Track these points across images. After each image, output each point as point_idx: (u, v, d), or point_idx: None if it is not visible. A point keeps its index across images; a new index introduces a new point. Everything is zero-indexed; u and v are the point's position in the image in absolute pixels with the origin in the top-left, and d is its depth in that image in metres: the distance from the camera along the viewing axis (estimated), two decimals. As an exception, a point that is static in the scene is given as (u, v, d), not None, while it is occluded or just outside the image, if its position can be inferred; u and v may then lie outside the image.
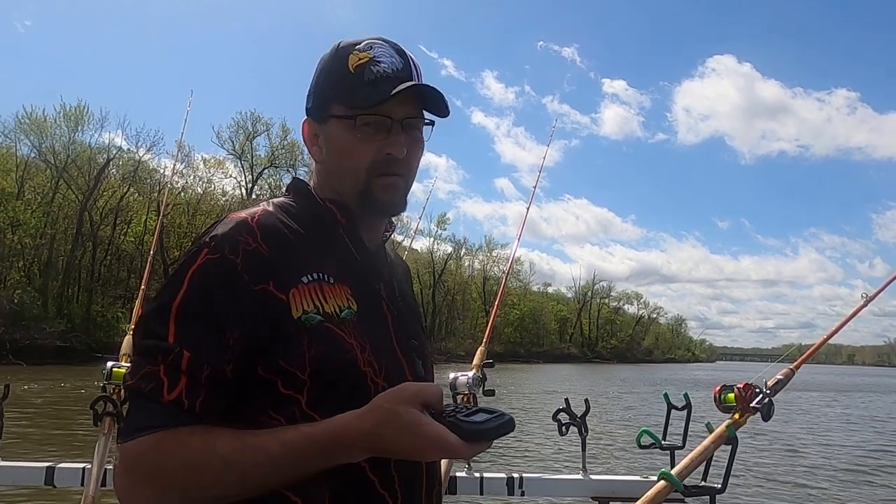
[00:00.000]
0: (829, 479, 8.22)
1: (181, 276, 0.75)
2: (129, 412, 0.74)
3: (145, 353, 0.74)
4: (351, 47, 0.85)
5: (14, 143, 32.60)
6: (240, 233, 0.77)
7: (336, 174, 0.87)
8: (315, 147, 0.88)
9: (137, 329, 0.81)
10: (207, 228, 0.81)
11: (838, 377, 58.81)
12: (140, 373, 0.73)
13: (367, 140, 0.83)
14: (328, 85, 0.86)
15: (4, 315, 25.82)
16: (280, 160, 44.76)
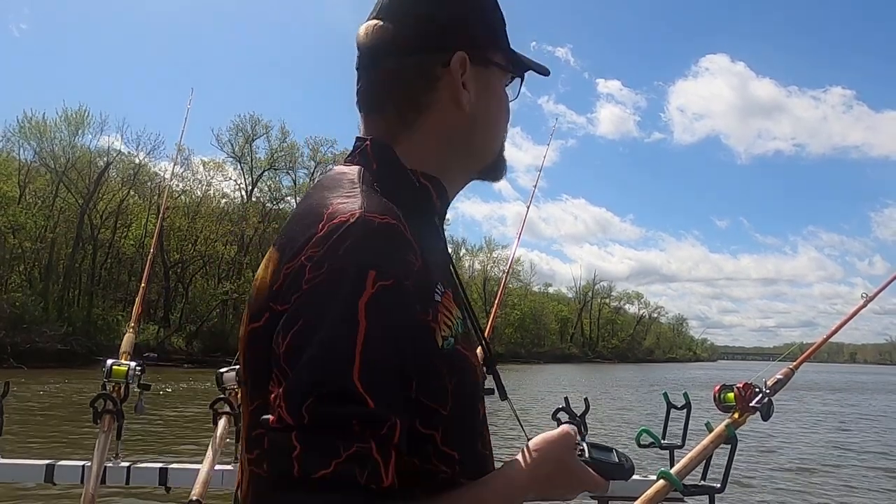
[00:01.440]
0: (829, 479, 8.22)
1: (352, 310, 0.54)
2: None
3: (342, 424, 0.52)
4: None
5: (15, 147, 32.72)
6: (402, 247, 0.59)
7: (482, 132, 0.72)
8: (463, 95, 0.69)
9: (303, 384, 0.53)
10: (337, 232, 0.58)
11: (839, 375, 58.78)
12: (345, 454, 0.51)
13: (506, 101, 0.75)
14: (489, 23, 0.72)
15: (5, 319, 25.84)
16: (280, 163, 44.77)
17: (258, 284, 0.63)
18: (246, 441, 0.64)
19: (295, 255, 0.59)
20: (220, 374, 1.75)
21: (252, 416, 0.61)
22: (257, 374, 0.60)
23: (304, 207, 0.64)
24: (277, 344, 0.56)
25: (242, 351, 0.64)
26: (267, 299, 0.60)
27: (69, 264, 32.45)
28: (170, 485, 1.60)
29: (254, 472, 0.59)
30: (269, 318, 0.59)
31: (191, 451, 7.70)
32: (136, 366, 1.71)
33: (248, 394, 0.64)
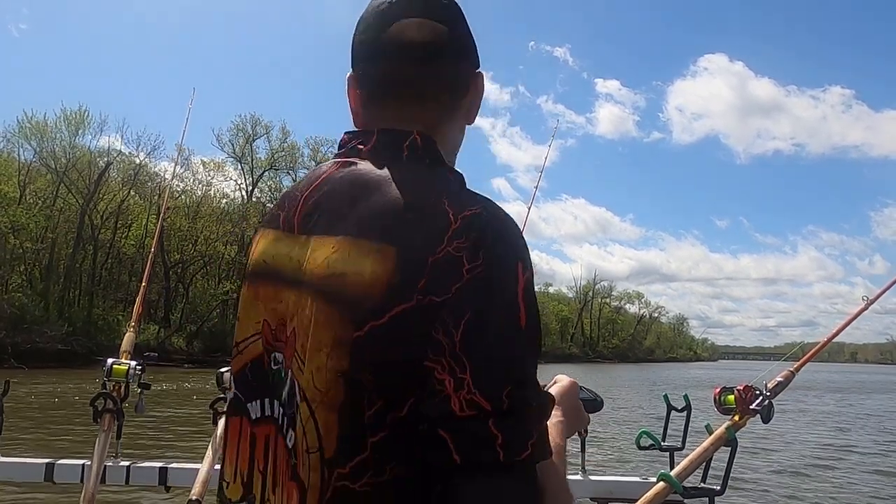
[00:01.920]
0: (830, 481, 8.20)
1: (516, 301, 0.58)
2: (517, 491, 0.55)
3: (529, 409, 0.57)
4: None
5: (15, 147, 32.74)
6: (523, 238, 0.64)
7: (454, 142, 0.75)
8: (478, 101, 0.76)
9: (499, 372, 0.56)
10: (477, 225, 0.60)
11: (840, 375, 58.73)
12: (536, 436, 0.57)
13: None
14: (473, 40, 0.76)
15: (6, 319, 25.84)
16: (280, 163, 44.81)
17: (350, 277, 0.60)
18: (338, 452, 0.59)
19: (434, 247, 0.58)
20: (220, 373, 1.75)
21: (374, 418, 0.58)
22: (388, 374, 0.58)
23: (393, 199, 0.62)
24: (447, 333, 0.56)
25: (338, 356, 0.59)
26: (390, 295, 0.58)
27: (70, 264, 32.46)
28: (169, 484, 1.60)
29: (347, 488, 0.58)
30: (406, 311, 0.58)
31: (194, 451, 7.70)
32: (137, 365, 1.71)
33: (363, 398, 0.59)
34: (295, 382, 0.63)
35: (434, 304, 0.57)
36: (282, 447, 0.65)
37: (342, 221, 0.64)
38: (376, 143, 0.70)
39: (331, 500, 0.59)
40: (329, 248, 0.63)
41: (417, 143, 0.69)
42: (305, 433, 0.61)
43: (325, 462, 0.59)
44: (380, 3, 0.72)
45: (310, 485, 0.60)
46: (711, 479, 1.65)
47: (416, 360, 0.57)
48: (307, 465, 0.60)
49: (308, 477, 0.60)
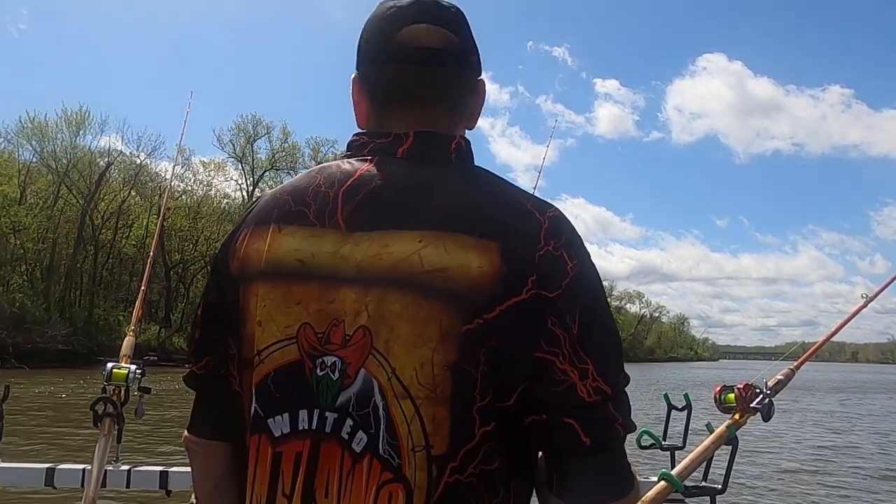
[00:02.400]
0: (830, 479, 8.20)
1: (603, 291, 0.68)
2: (625, 457, 0.64)
3: (625, 392, 0.65)
4: None
5: (16, 148, 32.76)
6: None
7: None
8: (480, 109, 0.78)
9: (615, 362, 0.64)
10: (561, 224, 0.65)
11: (841, 375, 58.72)
12: (629, 413, 0.65)
13: None
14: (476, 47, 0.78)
15: (7, 319, 25.86)
16: (281, 163, 44.79)
17: (452, 271, 0.60)
18: (449, 447, 0.59)
19: (536, 244, 0.62)
20: None
21: (484, 409, 0.60)
22: (500, 365, 0.60)
23: (490, 200, 0.65)
24: (564, 326, 0.61)
25: (446, 349, 0.59)
26: (501, 291, 0.60)
27: (70, 265, 32.48)
28: (170, 488, 1.60)
29: (458, 481, 0.60)
30: (517, 304, 0.61)
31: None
32: (137, 369, 1.71)
33: (474, 389, 0.59)
34: (374, 383, 0.61)
35: (546, 299, 0.61)
36: (331, 457, 0.62)
37: (413, 217, 0.64)
38: (415, 145, 0.70)
39: (442, 496, 0.59)
40: (413, 242, 0.62)
41: (463, 147, 0.72)
42: (411, 432, 0.59)
43: (433, 459, 0.59)
44: (389, 7, 0.72)
45: (416, 485, 0.59)
46: (712, 478, 1.65)
47: (529, 351, 0.61)
48: (413, 465, 0.59)
49: (415, 476, 0.59)
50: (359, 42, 0.75)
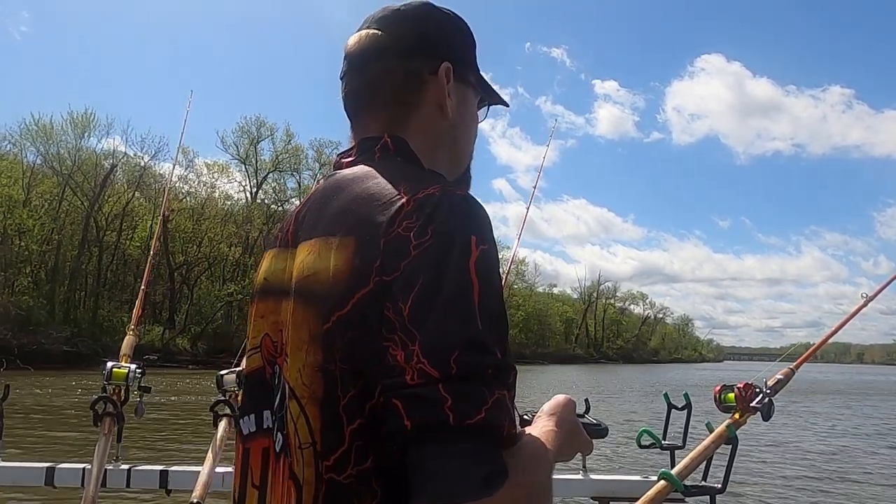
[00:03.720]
0: (831, 478, 8.16)
1: (465, 270, 0.57)
2: (471, 455, 0.52)
3: (484, 374, 0.55)
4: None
5: (21, 150, 32.91)
6: (487, 218, 0.63)
7: (458, 141, 0.77)
8: (448, 101, 0.74)
9: (446, 338, 0.55)
10: (430, 204, 0.60)
11: (844, 376, 58.39)
12: (491, 400, 0.54)
13: (478, 120, 0.81)
14: (468, 47, 0.78)
15: (12, 320, 25.98)
16: (284, 165, 44.88)
17: (320, 275, 0.61)
18: (324, 445, 0.59)
19: (385, 230, 0.59)
20: (220, 376, 1.75)
21: (349, 408, 0.58)
22: (354, 360, 0.58)
23: (355, 195, 0.64)
24: (396, 310, 0.56)
25: (314, 350, 0.60)
26: (351, 285, 0.59)
27: (75, 266, 32.61)
28: (170, 487, 1.60)
29: (334, 481, 0.58)
30: (364, 295, 0.58)
31: (199, 453, 7.72)
32: (137, 368, 1.71)
33: (336, 388, 0.59)
34: (285, 384, 0.64)
35: (385, 284, 0.57)
36: (271, 462, 0.66)
37: (315, 228, 0.66)
38: (356, 152, 0.73)
39: (326, 494, 0.59)
40: (305, 252, 0.65)
41: (388, 145, 0.72)
42: (297, 430, 0.61)
43: (319, 455, 0.60)
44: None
45: (304, 481, 0.60)
46: (712, 478, 1.64)
47: (378, 342, 0.57)
48: (301, 462, 0.61)
49: (303, 473, 0.60)
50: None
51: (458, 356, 0.54)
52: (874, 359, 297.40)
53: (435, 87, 0.74)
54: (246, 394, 0.73)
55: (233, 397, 1.74)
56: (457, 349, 0.54)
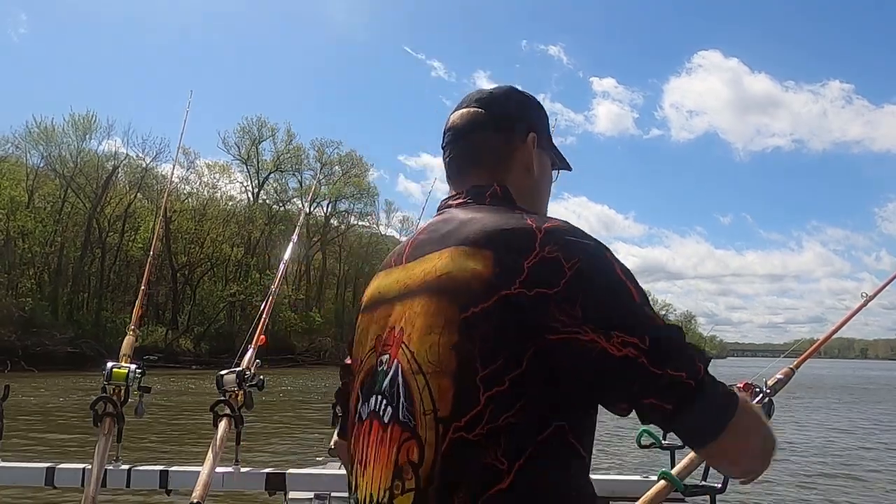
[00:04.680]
0: (831, 477, 8.13)
1: (621, 274, 0.76)
2: (712, 398, 0.73)
3: (680, 340, 0.74)
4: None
5: (23, 153, 32.99)
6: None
7: (539, 197, 0.96)
8: (533, 164, 0.94)
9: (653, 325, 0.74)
10: (559, 232, 0.78)
11: (848, 372, 58.23)
12: (692, 353, 0.74)
13: (552, 180, 1.01)
14: (545, 122, 0.99)
15: (16, 322, 26.07)
16: (286, 165, 44.91)
17: (454, 274, 0.77)
18: (453, 410, 0.72)
19: (527, 252, 0.75)
20: (220, 376, 1.75)
21: (490, 377, 0.72)
22: (499, 342, 0.73)
23: (486, 221, 0.81)
24: (572, 312, 0.72)
25: (449, 332, 0.75)
26: (492, 285, 0.74)
27: (78, 268, 32.70)
28: (170, 487, 1.60)
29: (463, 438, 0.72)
30: (506, 295, 0.73)
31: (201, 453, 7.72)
32: (137, 368, 1.71)
33: (474, 362, 0.73)
34: (399, 367, 0.79)
35: (545, 295, 0.73)
36: (375, 434, 0.81)
37: (443, 243, 0.83)
38: (465, 196, 0.91)
39: (446, 450, 0.72)
40: (436, 259, 0.81)
41: (497, 192, 0.90)
42: (422, 399, 0.75)
43: (440, 420, 0.73)
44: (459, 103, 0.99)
45: (426, 441, 0.73)
46: (712, 478, 1.64)
47: (531, 329, 0.72)
48: (424, 426, 0.74)
49: (425, 434, 0.74)
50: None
51: (653, 333, 0.72)
52: (878, 354, 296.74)
53: (523, 153, 0.93)
54: (364, 387, 0.86)
55: (232, 397, 1.74)
56: (645, 323, 0.73)
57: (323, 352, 41.08)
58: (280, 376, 26.13)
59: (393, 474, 0.76)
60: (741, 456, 0.80)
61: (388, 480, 0.76)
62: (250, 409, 1.74)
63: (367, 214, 51.16)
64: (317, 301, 46.85)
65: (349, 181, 47.58)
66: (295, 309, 42.38)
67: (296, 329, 41.11)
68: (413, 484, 0.74)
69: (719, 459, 0.81)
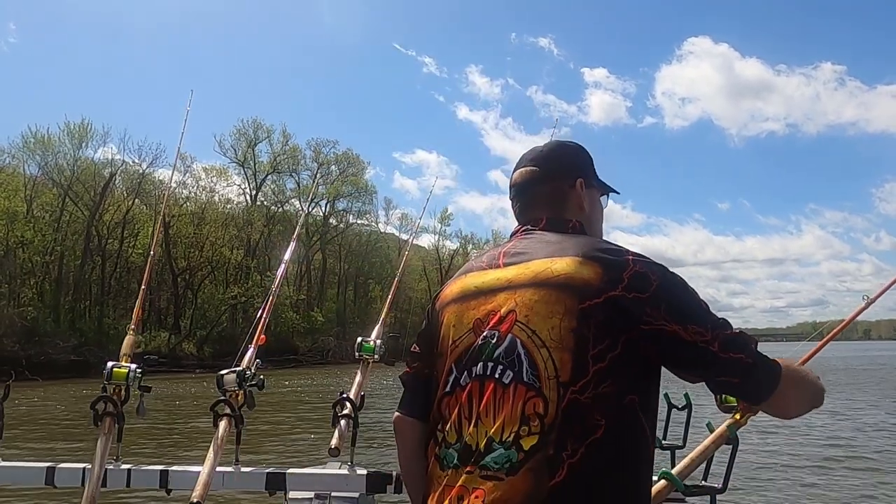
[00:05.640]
0: (832, 477, 8.09)
1: (687, 286, 1.05)
2: (762, 373, 1.03)
3: (736, 332, 1.03)
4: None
5: (20, 163, 32.96)
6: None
7: (593, 225, 1.23)
8: (584, 202, 1.22)
9: (715, 325, 1.02)
10: (642, 257, 1.06)
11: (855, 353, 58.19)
12: (748, 340, 1.04)
13: (603, 208, 1.29)
14: (590, 163, 1.26)
15: (18, 332, 26.12)
16: (283, 166, 44.91)
17: (574, 276, 1.01)
18: (571, 376, 0.96)
19: (624, 268, 1.01)
20: (220, 376, 1.75)
21: (598, 354, 0.97)
22: (606, 329, 0.98)
23: (589, 241, 1.11)
24: (658, 310, 0.99)
25: (569, 319, 0.98)
26: (602, 288, 0.99)
27: (79, 276, 32.72)
28: (170, 487, 1.60)
29: (577, 399, 0.96)
30: (612, 296, 0.99)
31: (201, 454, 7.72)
32: (137, 368, 1.71)
33: (588, 343, 0.97)
34: (518, 341, 1.01)
35: (640, 298, 0.99)
36: (489, 390, 1.02)
37: (543, 252, 1.08)
38: (546, 224, 1.19)
39: (566, 407, 0.95)
40: (549, 263, 1.05)
41: (577, 226, 1.19)
42: (546, 367, 0.98)
43: (561, 384, 0.96)
44: (518, 161, 1.28)
45: (550, 399, 0.96)
46: (713, 478, 1.64)
47: (630, 321, 0.98)
48: (548, 387, 0.97)
49: (549, 393, 0.96)
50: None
51: (717, 326, 1.01)
52: (881, 334, 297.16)
53: (574, 195, 1.21)
54: (462, 361, 1.07)
55: (233, 397, 1.74)
56: (713, 322, 1.02)
57: (326, 351, 41.16)
58: (282, 377, 26.16)
59: (520, 421, 0.97)
60: (790, 404, 1.09)
61: (516, 425, 0.97)
62: (251, 409, 1.73)
63: (366, 213, 51.23)
64: (318, 301, 46.90)
65: (347, 180, 47.58)
66: (297, 309, 42.42)
67: (298, 329, 41.18)
68: (538, 429, 0.96)
69: (776, 409, 1.09)
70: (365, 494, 1.69)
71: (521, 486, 0.94)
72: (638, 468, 1.00)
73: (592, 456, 0.94)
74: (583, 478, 0.94)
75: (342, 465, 1.72)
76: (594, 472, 0.95)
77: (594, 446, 0.94)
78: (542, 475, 0.93)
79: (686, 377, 1.05)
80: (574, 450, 0.94)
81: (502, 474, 0.96)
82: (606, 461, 0.96)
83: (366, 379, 1.96)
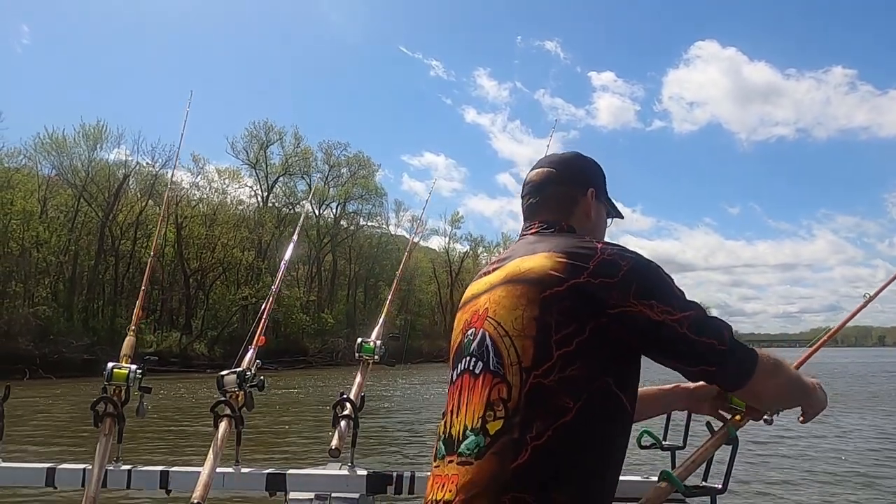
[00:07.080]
0: (832, 478, 7.98)
1: (661, 271, 1.07)
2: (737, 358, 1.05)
3: (706, 315, 1.06)
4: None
5: (35, 164, 33.42)
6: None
7: (596, 236, 1.23)
8: (591, 212, 1.25)
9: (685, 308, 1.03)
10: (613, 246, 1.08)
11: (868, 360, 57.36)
12: (720, 324, 1.06)
13: (606, 225, 1.32)
14: (602, 180, 1.30)
15: (33, 331, 26.48)
16: (294, 168, 45.18)
17: (535, 269, 1.06)
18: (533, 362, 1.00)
19: (591, 256, 1.04)
20: (220, 376, 1.75)
21: (563, 339, 1.00)
22: (570, 315, 1.00)
23: (561, 238, 1.13)
24: (624, 293, 1.01)
25: (531, 308, 1.02)
26: (564, 278, 1.02)
27: (92, 276, 33.11)
28: (170, 487, 1.60)
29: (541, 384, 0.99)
30: (576, 283, 1.01)
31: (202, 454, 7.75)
32: (137, 368, 1.72)
33: (550, 329, 1.00)
34: (486, 334, 1.07)
35: (607, 283, 1.01)
36: (466, 382, 1.08)
37: (525, 255, 1.11)
38: (539, 227, 1.22)
39: (528, 392, 0.99)
40: (519, 263, 1.10)
41: (564, 227, 1.21)
42: (509, 354, 1.02)
43: (524, 369, 1.00)
44: (535, 162, 1.32)
45: (513, 384, 1.00)
46: (713, 478, 1.63)
47: (596, 306, 1.00)
48: (512, 373, 1.01)
49: (512, 379, 1.00)
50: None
51: (688, 308, 1.03)
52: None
53: (584, 203, 1.24)
54: (453, 360, 1.16)
55: (233, 397, 1.74)
56: (683, 303, 1.04)
57: (335, 352, 41.22)
58: (291, 378, 26.23)
59: (486, 406, 1.01)
60: (769, 393, 1.12)
61: (482, 411, 1.01)
62: (251, 410, 1.74)
63: (377, 215, 51.36)
64: (328, 302, 47.05)
65: (357, 182, 47.74)
66: (307, 311, 42.59)
67: (308, 331, 41.35)
68: (503, 413, 0.99)
69: (753, 397, 1.14)
70: (365, 495, 1.68)
71: (487, 469, 0.98)
72: (611, 448, 1.03)
73: (560, 438, 0.96)
74: (548, 457, 0.96)
75: (342, 466, 1.72)
76: (561, 453, 0.96)
77: (563, 428, 0.96)
78: (505, 457, 0.96)
79: (664, 363, 1.06)
80: (540, 432, 0.96)
81: (472, 459, 1.00)
82: (575, 442, 0.97)
83: (365, 380, 1.96)
